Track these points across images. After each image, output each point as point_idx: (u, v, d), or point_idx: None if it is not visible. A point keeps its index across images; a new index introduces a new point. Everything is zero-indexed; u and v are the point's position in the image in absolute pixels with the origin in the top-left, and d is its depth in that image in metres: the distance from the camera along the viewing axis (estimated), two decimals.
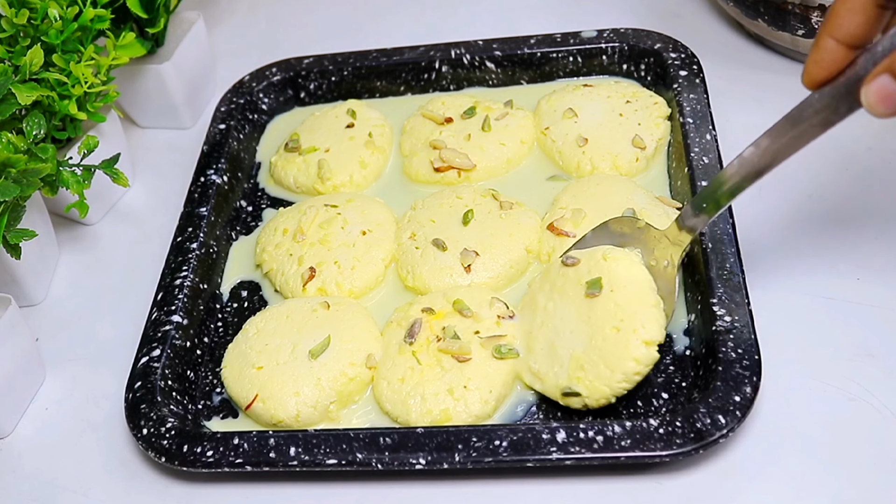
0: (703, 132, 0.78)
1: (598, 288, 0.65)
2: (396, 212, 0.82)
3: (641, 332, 0.63)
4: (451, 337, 0.69)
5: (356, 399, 0.70)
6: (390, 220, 0.81)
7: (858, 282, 0.71)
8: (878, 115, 0.51)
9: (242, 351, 0.73)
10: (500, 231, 0.77)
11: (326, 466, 0.64)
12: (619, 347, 0.63)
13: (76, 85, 0.79)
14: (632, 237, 0.69)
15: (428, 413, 0.66)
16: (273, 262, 0.80)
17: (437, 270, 0.75)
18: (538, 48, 0.90)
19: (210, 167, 0.87)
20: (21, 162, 0.72)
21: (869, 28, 0.52)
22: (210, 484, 0.68)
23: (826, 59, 0.53)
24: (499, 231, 0.77)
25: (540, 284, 0.70)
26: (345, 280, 0.76)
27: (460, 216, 0.78)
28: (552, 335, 0.67)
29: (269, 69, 0.96)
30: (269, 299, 0.80)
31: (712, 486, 0.62)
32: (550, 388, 0.66)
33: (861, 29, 0.52)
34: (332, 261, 0.77)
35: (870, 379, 0.65)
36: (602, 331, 0.64)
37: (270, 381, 0.70)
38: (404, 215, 0.81)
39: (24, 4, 0.80)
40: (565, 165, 0.82)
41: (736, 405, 0.61)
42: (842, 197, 0.77)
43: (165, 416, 0.68)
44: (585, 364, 0.64)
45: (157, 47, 0.93)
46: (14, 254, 0.75)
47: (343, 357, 0.70)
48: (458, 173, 0.84)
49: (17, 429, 0.75)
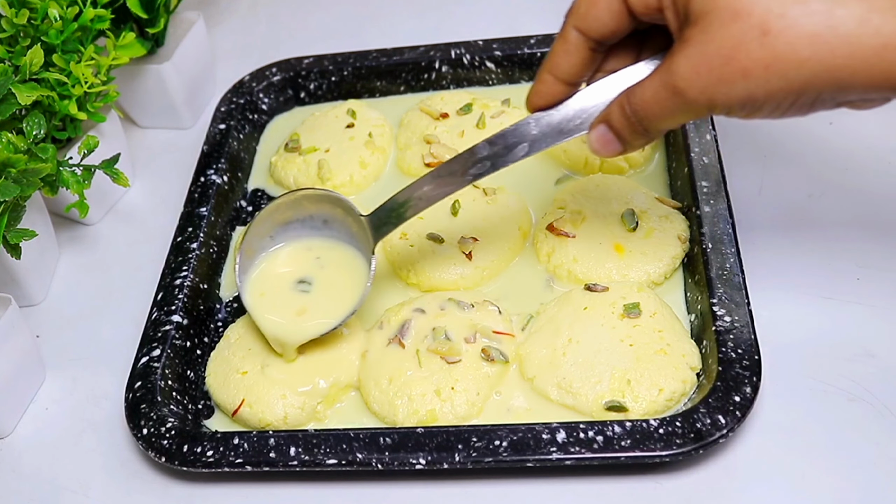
0: (703, 132, 0.78)
1: (638, 312, 0.68)
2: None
3: (689, 358, 0.66)
4: (441, 338, 0.69)
5: (342, 399, 0.70)
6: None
7: (858, 282, 0.71)
8: (602, 156, 0.61)
9: (225, 357, 0.73)
10: (491, 215, 0.78)
11: (326, 466, 0.64)
12: (670, 370, 0.65)
13: (76, 85, 0.79)
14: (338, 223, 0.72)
15: (414, 413, 0.67)
16: None
17: (439, 263, 0.76)
18: (538, 48, 0.91)
19: (210, 167, 0.87)
20: (21, 162, 0.72)
21: (582, 68, 0.60)
22: (210, 484, 0.68)
23: (544, 91, 0.61)
24: (490, 216, 0.78)
25: (559, 307, 0.71)
26: None
27: (447, 209, 0.79)
28: (586, 352, 0.67)
29: (269, 69, 0.96)
30: None
31: (712, 486, 0.62)
32: (586, 402, 0.65)
33: (575, 69, 0.60)
34: None
35: (870, 379, 0.65)
36: (647, 352, 0.66)
37: (256, 385, 0.70)
38: None
39: (24, 4, 0.80)
40: (572, 164, 0.82)
41: (736, 405, 0.61)
42: (842, 197, 0.77)
43: (165, 416, 0.68)
44: (632, 380, 0.65)
45: (157, 47, 0.93)
46: (14, 254, 0.75)
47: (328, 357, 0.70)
48: None
49: (17, 429, 0.75)
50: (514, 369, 0.69)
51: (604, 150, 0.59)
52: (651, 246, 0.73)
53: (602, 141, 0.59)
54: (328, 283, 0.72)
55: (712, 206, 0.72)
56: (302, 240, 0.75)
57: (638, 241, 0.73)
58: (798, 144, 0.82)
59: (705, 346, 0.66)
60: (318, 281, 0.72)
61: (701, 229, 0.71)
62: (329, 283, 0.72)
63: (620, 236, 0.74)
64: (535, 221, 0.79)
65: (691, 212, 0.74)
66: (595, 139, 0.59)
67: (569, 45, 0.59)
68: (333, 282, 0.72)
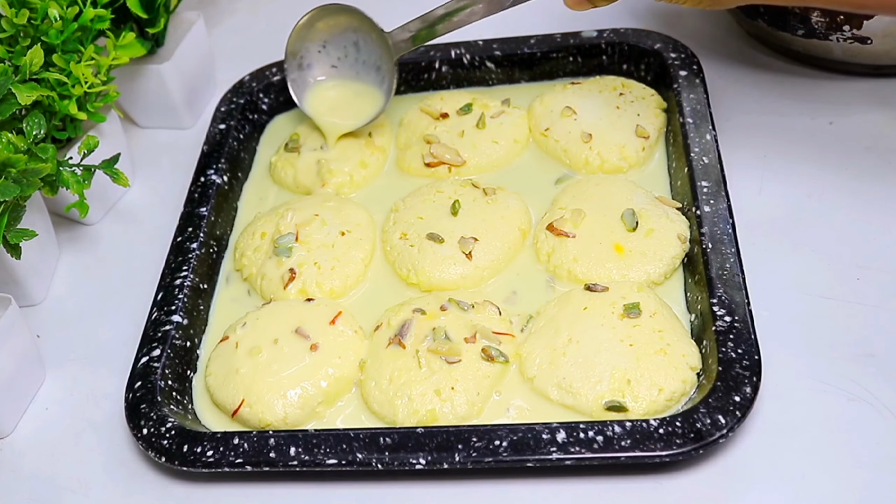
0: (703, 132, 0.78)
1: (638, 312, 0.68)
2: (390, 205, 0.83)
3: (689, 358, 0.66)
4: (441, 338, 0.69)
5: (342, 398, 0.71)
6: (368, 221, 0.81)
7: (858, 282, 0.71)
8: (573, 9, 0.71)
9: (225, 357, 0.73)
10: (491, 216, 0.78)
11: (326, 466, 0.64)
12: (670, 369, 0.65)
13: (76, 85, 0.79)
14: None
15: (414, 413, 0.67)
16: (252, 267, 0.80)
17: (439, 262, 0.76)
18: (538, 48, 0.91)
19: (210, 167, 0.87)
20: (21, 162, 0.72)
21: None
22: (210, 484, 0.68)
23: None
24: (490, 216, 0.78)
25: (559, 307, 0.71)
26: (325, 280, 0.77)
27: (447, 208, 0.79)
28: (586, 352, 0.67)
29: (269, 69, 0.96)
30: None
31: (712, 486, 0.62)
32: (586, 402, 0.65)
33: None
34: (312, 262, 0.77)
35: (870, 379, 0.65)
36: (647, 351, 0.66)
37: (256, 385, 0.70)
38: (388, 218, 0.81)
39: (24, 4, 0.80)
40: (572, 163, 0.82)
41: (736, 405, 0.61)
42: (842, 197, 0.77)
43: (165, 416, 0.68)
44: (633, 380, 0.65)
45: (157, 47, 0.93)
46: (14, 254, 0.75)
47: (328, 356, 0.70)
48: (448, 169, 0.84)
49: (17, 429, 0.75)
50: (514, 369, 0.69)
51: (575, 4, 0.70)
52: (651, 246, 0.73)
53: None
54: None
55: (712, 206, 0.73)
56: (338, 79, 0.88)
57: (638, 241, 0.73)
58: (798, 144, 0.82)
59: (705, 346, 0.66)
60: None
61: (701, 229, 0.71)
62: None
63: (620, 236, 0.74)
64: (535, 221, 0.79)
65: (691, 212, 0.74)
66: None
67: None
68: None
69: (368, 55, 0.86)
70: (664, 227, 0.74)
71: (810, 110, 0.84)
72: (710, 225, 0.71)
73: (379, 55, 0.85)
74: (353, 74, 0.88)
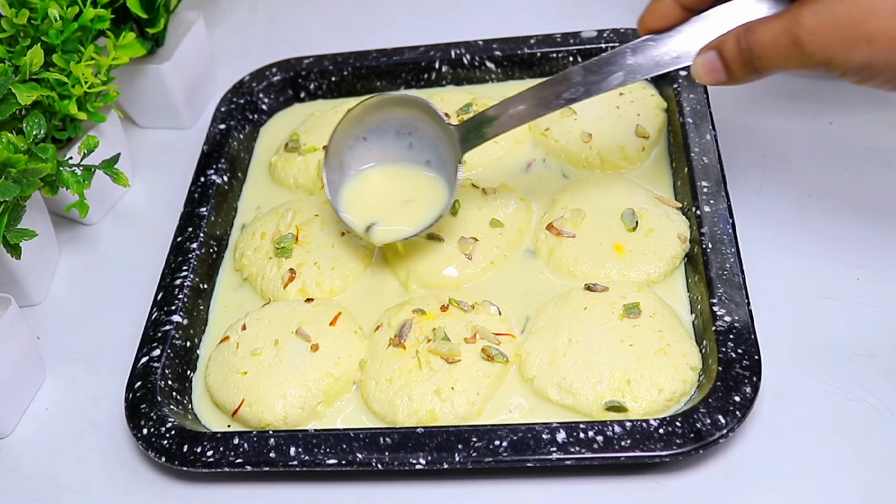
0: (703, 132, 0.78)
1: (638, 312, 0.68)
2: None
3: (689, 358, 0.66)
4: (441, 338, 0.69)
5: (342, 398, 0.71)
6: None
7: (858, 282, 0.71)
8: (702, 82, 0.62)
9: (225, 357, 0.73)
10: (491, 216, 0.78)
11: (326, 466, 0.64)
12: (670, 369, 0.65)
13: (76, 85, 0.79)
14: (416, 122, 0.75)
15: (414, 413, 0.67)
16: (252, 266, 0.80)
17: (439, 262, 0.76)
18: (538, 48, 0.91)
19: (210, 167, 0.87)
20: (21, 162, 0.72)
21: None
22: (210, 484, 0.68)
23: (661, 12, 0.62)
24: (490, 216, 0.78)
25: (559, 307, 0.71)
26: (325, 280, 0.77)
27: None
28: (586, 352, 0.67)
29: (269, 69, 0.96)
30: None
31: (712, 486, 0.62)
32: (586, 402, 0.65)
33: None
34: (312, 262, 0.77)
35: (870, 379, 0.65)
36: (647, 351, 0.66)
37: (256, 385, 0.70)
38: None
39: (24, 4, 0.80)
40: (573, 163, 0.83)
41: (736, 405, 0.61)
42: (842, 197, 0.77)
43: (165, 416, 0.68)
44: (632, 380, 0.65)
45: (157, 47, 0.93)
46: (14, 254, 0.75)
47: (328, 357, 0.70)
48: None
49: (17, 429, 0.75)
50: (514, 369, 0.69)
51: (707, 77, 0.60)
52: (651, 246, 0.73)
53: (709, 67, 0.60)
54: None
55: (712, 206, 0.73)
56: (389, 164, 0.78)
57: (638, 241, 0.73)
58: (798, 144, 0.82)
59: (705, 346, 0.66)
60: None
61: (701, 229, 0.71)
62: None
63: (620, 236, 0.74)
64: (534, 221, 0.79)
65: (691, 212, 0.74)
66: (702, 64, 0.60)
67: None
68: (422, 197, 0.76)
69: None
70: (664, 226, 0.74)
71: (810, 110, 0.84)
72: (710, 225, 0.71)
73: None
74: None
